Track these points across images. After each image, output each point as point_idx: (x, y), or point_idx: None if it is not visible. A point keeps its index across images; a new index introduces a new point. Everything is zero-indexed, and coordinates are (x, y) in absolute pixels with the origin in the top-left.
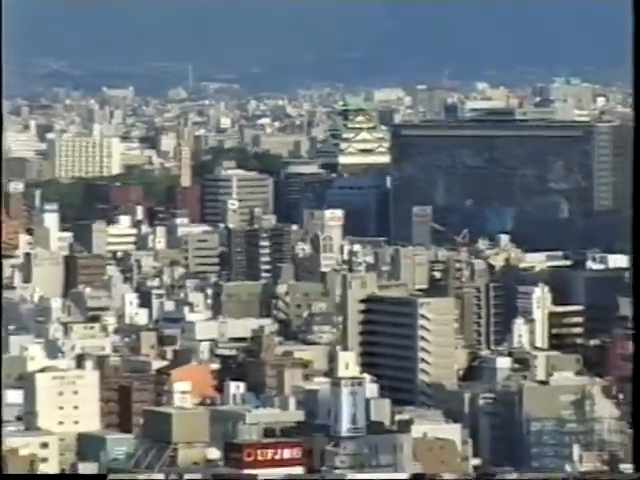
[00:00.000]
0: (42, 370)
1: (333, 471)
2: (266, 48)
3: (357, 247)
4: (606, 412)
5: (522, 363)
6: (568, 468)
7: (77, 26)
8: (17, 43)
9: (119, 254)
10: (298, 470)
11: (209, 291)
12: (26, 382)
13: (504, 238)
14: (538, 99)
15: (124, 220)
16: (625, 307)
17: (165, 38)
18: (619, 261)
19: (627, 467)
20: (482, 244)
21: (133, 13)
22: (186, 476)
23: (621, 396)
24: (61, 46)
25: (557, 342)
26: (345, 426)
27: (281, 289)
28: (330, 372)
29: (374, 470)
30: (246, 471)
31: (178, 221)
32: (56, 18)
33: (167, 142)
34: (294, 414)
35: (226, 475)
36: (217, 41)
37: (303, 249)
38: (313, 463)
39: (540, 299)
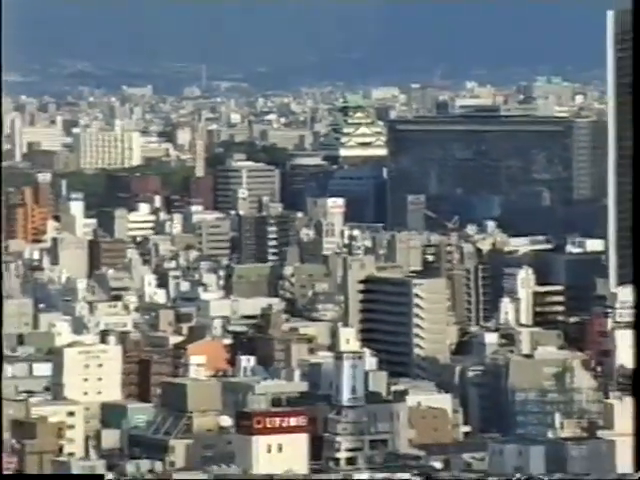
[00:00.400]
0: (69, 345)
1: (335, 437)
2: (272, 49)
3: (356, 232)
4: (585, 383)
5: (508, 338)
6: (550, 434)
7: (98, 28)
8: (42, 44)
9: (139, 239)
10: (303, 437)
11: (221, 272)
12: (54, 356)
13: (491, 224)
14: (522, 97)
15: (143, 208)
16: (602, 287)
17: (180, 40)
18: (596, 245)
19: (604, 433)
20: (471, 229)
21: (150, 16)
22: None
23: (599, 369)
24: (84, 47)
25: (540, 319)
26: (346, 396)
27: (287, 271)
28: (332, 347)
29: (373, 436)
30: (255, 437)
31: (193, 208)
32: (77, 19)
33: (183, 136)
34: (299, 385)
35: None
36: (228, 43)
37: (307, 234)
38: (317, 430)
39: (524, 280)
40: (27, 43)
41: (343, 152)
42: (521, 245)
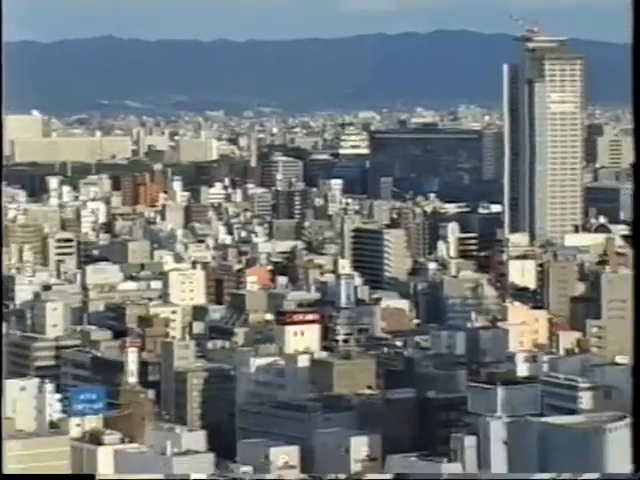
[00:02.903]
0: (172, 270)
1: (336, 327)
2: (297, 88)
3: (349, 200)
4: (489, 293)
5: (443, 265)
6: (468, 325)
7: (190, 72)
8: (156, 84)
9: (215, 204)
10: (316, 326)
11: (266, 225)
12: (163, 276)
13: (432, 195)
14: (452, 117)
15: (218, 185)
16: (500, 234)
17: (240, 81)
18: (497, 208)
19: (501, 324)
20: (420, 199)
21: (221, 65)
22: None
23: (498, 284)
24: (181, 85)
25: (462, 254)
26: (343, 301)
27: (307, 224)
28: (334, 271)
29: (359, 326)
30: (287, 327)
31: (248, 186)
32: (177, 66)
33: (242, 141)
34: (314, 295)
35: None
36: (271, 83)
37: (319, 201)
38: (325, 322)
39: (452, 230)
40: (145, 83)
41: (342, 151)
42: (450, 208)
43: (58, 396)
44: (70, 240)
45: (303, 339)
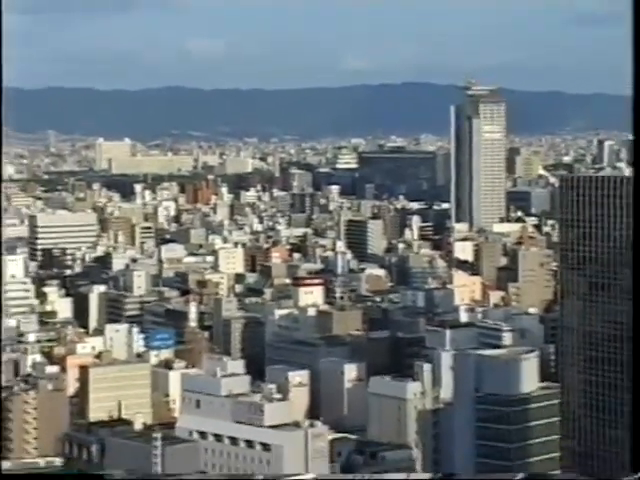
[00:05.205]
0: (220, 248)
1: (335, 287)
2: (308, 121)
3: (344, 200)
4: (441, 265)
5: (409, 245)
6: (426, 286)
7: (234, 109)
8: (210, 119)
9: (251, 203)
10: (320, 287)
11: (286, 218)
12: (214, 253)
13: (402, 197)
14: (415, 142)
15: (252, 190)
16: (448, 223)
17: (269, 116)
18: (446, 205)
19: (449, 286)
20: (393, 199)
21: (257, 105)
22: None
23: (447, 258)
24: (226, 118)
25: (422, 237)
26: (339, 270)
27: (314, 217)
28: (333, 249)
29: (350, 287)
30: (301, 288)
31: (273, 190)
32: (224, 105)
33: (270, 160)
34: (319, 266)
35: None
36: (290, 119)
37: (322, 201)
38: (327, 285)
39: (415, 221)
40: (202, 119)
41: (338, 166)
42: (414, 206)
43: (142, 336)
44: (150, 228)
45: (312, 296)
